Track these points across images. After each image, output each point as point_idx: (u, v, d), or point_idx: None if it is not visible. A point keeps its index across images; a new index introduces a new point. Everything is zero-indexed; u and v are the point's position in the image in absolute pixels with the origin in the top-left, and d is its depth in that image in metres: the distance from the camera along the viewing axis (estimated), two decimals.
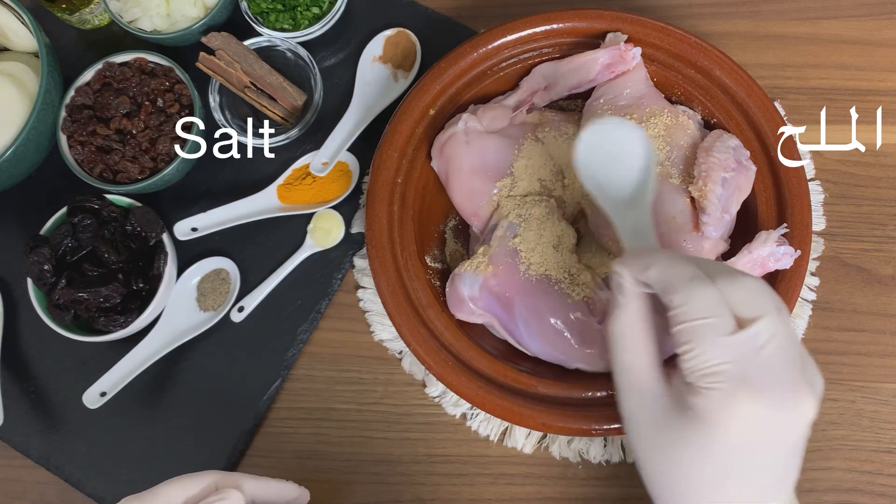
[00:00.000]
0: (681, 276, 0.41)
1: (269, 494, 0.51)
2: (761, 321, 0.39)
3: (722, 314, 0.40)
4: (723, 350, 0.39)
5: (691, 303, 0.40)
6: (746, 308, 0.40)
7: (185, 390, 0.69)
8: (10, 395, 0.69)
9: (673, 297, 0.41)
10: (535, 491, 0.64)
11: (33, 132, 0.68)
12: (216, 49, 0.72)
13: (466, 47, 0.67)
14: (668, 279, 0.42)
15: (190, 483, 0.48)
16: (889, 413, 0.64)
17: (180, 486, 0.47)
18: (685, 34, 0.66)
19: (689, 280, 0.41)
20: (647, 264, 0.43)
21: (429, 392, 0.67)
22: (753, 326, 0.39)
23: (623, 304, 0.44)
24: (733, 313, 0.40)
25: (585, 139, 0.55)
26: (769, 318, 0.40)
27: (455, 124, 0.65)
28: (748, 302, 0.40)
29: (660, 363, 0.43)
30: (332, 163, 0.72)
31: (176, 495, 0.47)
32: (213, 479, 0.48)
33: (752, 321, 0.39)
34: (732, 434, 0.38)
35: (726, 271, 0.42)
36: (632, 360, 0.43)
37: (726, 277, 0.41)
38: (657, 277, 0.42)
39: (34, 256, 0.66)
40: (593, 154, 0.55)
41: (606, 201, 0.54)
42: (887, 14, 0.75)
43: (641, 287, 0.43)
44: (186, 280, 0.70)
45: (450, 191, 0.65)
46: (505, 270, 0.60)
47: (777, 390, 0.39)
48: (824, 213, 0.69)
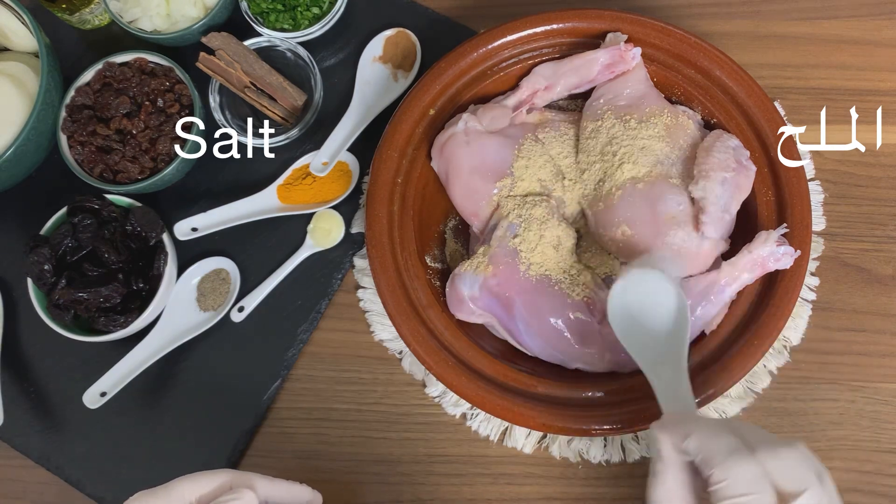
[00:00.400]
0: (721, 450, 0.41)
1: (282, 496, 0.51)
2: (804, 496, 0.40)
3: (763, 490, 0.40)
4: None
5: (732, 478, 0.40)
6: (788, 482, 0.40)
7: (185, 390, 0.69)
8: (10, 395, 0.69)
9: (714, 471, 0.41)
10: (535, 491, 0.64)
11: (33, 132, 0.68)
12: (216, 49, 0.72)
13: (466, 47, 0.67)
14: (708, 451, 0.42)
15: (204, 480, 0.47)
16: (889, 413, 0.64)
17: (194, 482, 0.47)
18: (685, 34, 0.66)
19: (729, 454, 0.41)
20: (687, 433, 0.43)
21: (429, 392, 0.67)
22: (796, 502, 0.40)
23: (662, 471, 0.44)
24: (775, 487, 0.40)
25: (618, 291, 0.54)
26: (811, 492, 0.40)
27: (455, 124, 0.65)
28: (789, 474, 0.41)
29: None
30: (332, 163, 0.72)
31: (190, 492, 0.47)
32: (228, 477, 0.48)
33: (794, 496, 0.40)
34: None
35: (767, 442, 0.42)
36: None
37: (767, 449, 0.41)
38: (697, 448, 0.42)
39: (34, 256, 0.66)
40: (627, 307, 0.55)
41: (642, 358, 0.54)
42: (887, 14, 0.75)
43: (681, 455, 0.43)
44: (186, 280, 0.70)
45: (450, 191, 0.65)
46: (505, 270, 0.60)
47: None
48: (824, 213, 0.69)
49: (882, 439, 0.64)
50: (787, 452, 0.42)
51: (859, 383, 0.65)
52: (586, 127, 0.65)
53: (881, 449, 0.63)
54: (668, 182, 0.60)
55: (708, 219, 0.58)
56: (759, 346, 0.58)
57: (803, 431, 0.64)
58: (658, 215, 0.59)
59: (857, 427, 0.64)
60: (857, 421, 0.64)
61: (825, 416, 0.64)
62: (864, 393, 0.65)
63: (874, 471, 0.63)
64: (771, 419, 0.64)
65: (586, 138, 0.64)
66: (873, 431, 0.64)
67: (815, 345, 0.66)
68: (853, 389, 0.65)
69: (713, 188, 0.58)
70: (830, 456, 0.63)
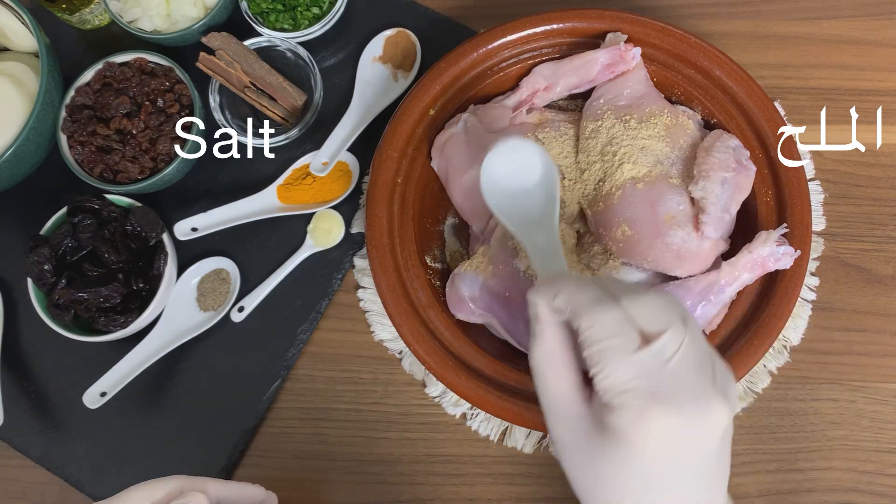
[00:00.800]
0: (585, 300, 0.42)
1: (235, 497, 0.52)
2: (665, 334, 0.40)
3: (626, 333, 0.40)
4: (630, 367, 0.39)
5: (596, 324, 0.41)
6: (651, 323, 0.41)
7: (185, 390, 0.69)
8: (10, 395, 0.69)
9: (580, 321, 0.42)
10: (535, 491, 0.64)
11: (33, 132, 0.68)
12: (216, 49, 0.72)
13: (466, 47, 0.67)
14: (575, 304, 0.42)
15: (155, 487, 0.48)
16: (889, 413, 0.64)
17: (145, 490, 0.48)
18: (685, 34, 0.66)
19: (594, 303, 0.42)
20: (556, 291, 0.44)
21: (429, 392, 0.67)
22: (658, 341, 0.40)
23: (539, 332, 0.44)
24: (639, 330, 0.40)
25: (487, 164, 0.54)
26: (673, 331, 0.40)
27: (455, 124, 0.65)
28: (652, 317, 0.41)
29: (581, 387, 0.43)
30: (332, 163, 0.72)
31: (140, 500, 0.48)
32: (178, 483, 0.49)
33: (656, 335, 0.40)
34: (648, 449, 0.39)
35: (630, 290, 0.43)
36: (553, 387, 0.43)
37: (629, 296, 0.42)
38: (564, 304, 0.43)
39: (34, 256, 0.66)
40: (497, 178, 0.54)
41: (515, 225, 0.54)
42: (887, 14, 0.75)
43: (556, 315, 0.44)
44: (186, 280, 0.70)
45: (450, 191, 0.65)
46: (505, 270, 0.60)
47: (686, 402, 0.39)
48: (824, 213, 0.69)
49: (882, 439, 0.64)
50: (649, 298, 0.42)
51: (859, 383, 0.65)
52: (586, 127, 0.65)
53: (881, 449, 0.63)
54: (668, 182, 0.60)
55: (708, 219, 0.58)
56: (759, 346, 0.58)
57: (803, 431, 0.64)
58: (658, 215, 0.59)
59: (857, 427, 0.64)
60: (857, 421, 0.64)
61: (825, 416, 0.64)
62: (864, 393, 0.65)
63: (874, 471, 0.63)
64: (771, 419, 0.65)
65: (586, 138, 0.64)
66: (873, 431, 0.64)
67: (815, 345, 0.66)
68: (853, 389, 0.65)
69: (713, 188, 0.58)
70: (830, 456, 0.63)
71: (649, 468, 0.39)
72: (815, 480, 0.63)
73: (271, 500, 0.55)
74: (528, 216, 0.54)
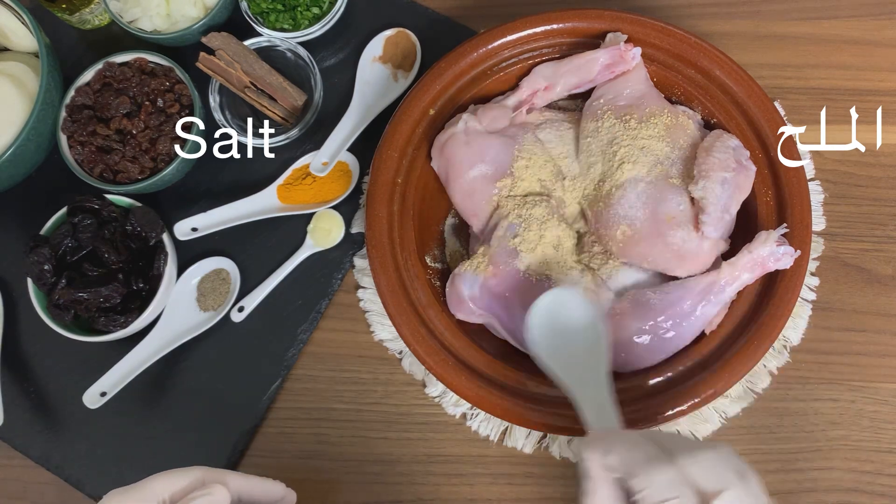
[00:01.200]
0: (640, 459, 0.42)
1: (255, 492, 0.52)
2: (724, 495, 0.40)
3: (683, 494, 0.40)
4: None
5: (653, 485, 0.41)
6: (708, 482, 0.41)
7: (185, 390, 0.69)
8: (10, 395, 0.69)
9: (634, 482, 0.41)
10: (535, 491, 0.64)
11: (33, 132, 0.68)
12: (216, 49, 0.72)
13: (466, 47, 0.67)
14: (629, 463, 0.42)
15: (176, 477, 0.48)
16: (889, 413, 0.64)
17: (167, 479, 0.48)
18: (685, 34, 0.66)
19: (648, 461, 0.41)
20: (608, 449, 0.43)
21: (429, 392, 0.67)
22: (716, 501, 0.40)
23: (591, 490, 0.43)
24: (696, 489, 0.40)
25: (535, 313, 0.55)
26: (732, 491, 0.40)
27: (455, 124, 0.65)
28: (709, 476, 0.41)
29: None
30: (332, 163, 0.72)
31: (162, 489, 0.47)
32: (200, 474, 0.49)
33: (714, 495, 0.40)
34: None
35: (685, 446, 0.42)
36: None
37: (685, 454, 0.42)
38: (619, 462, 0.43)
39: (34, 256, 0.66)
40: (548, 328, 0.55)
41: (566, 378, 0.54)
42: (887, 14, 0.75)
43: (607, 471, 0.44)
44: (186, 280, 0.70)
45: (450, 191, 0.65)
46: (505, 270, 0.60)
47: None
48: (824, 213, 0.69)
49: (882, 439, 0.64)
50: (705, 454, 0.42)
51: (859, 383, 0.65)
52: (586, 127, 0.65)
53: (881, 449, 0.63)
54: (669, 182, 0.60)
55: (708, 219, 0.58)
56: (759, 346, 0.58)
57: (803, 431, 0.64)
58: (658, 215, 0.59)
59: (856, 427, 0.64)
60: (856, 421, 0.64)
61: (825, 416, 0.64)
62: (864, 393, 0.65)
63: (874, 471, 0.63)
64: (771, 419, 0.64)
65: (586, 138, 0.64)
66: (873, 431, 0.64)
67: (815, 345, 0.66)
68: (853, 389, 0.65)
69: (713, 188, 0.58)
70: (830, 456, 0.63)
71: None
72: (815, 480, 0.63)
73: (290, 498, 0.54)
74: (576, 368, 0.54)
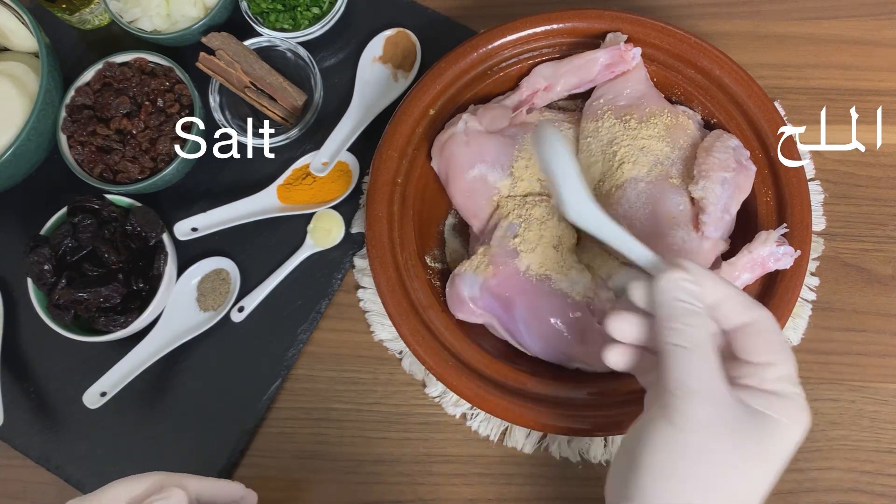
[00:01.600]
0: (744, 297, 0.45)
1: (214, 493, 0.53)
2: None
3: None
4: (795, 366, 0.44)
5: (766, 319, 0.44)
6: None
7: (185, 390, 0.69)
8: (10, 395, 0.69)
9: (745, 315, 0.44)
10: (535, 491, 0.64)
11: (33, 132, 0.68)
12: (216, 49, 0.72)
13: (466, 47, 0.67)
14: (730, 299, 0.45)
15: (135, 483, 0.49)
16: (889, 413, 0.64)
17: (125, 486, 0.49)
18: (685, 34, 0.66)
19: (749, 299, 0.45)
20: (698, 282, 0.45)
21: (429, 392, 0.67)
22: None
23: (695, 312, 0.44)
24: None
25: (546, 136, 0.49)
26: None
27: (455, 124, 0.65)
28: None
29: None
30: (332, 163, 0.72)
31: (120, 495, 0.48)
32: (158, 478, 0.50)
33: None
34: (796, 440, 0.43)
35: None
36: (709, 367, 0.44)
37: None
38: (715, 298, 0.44)
39: (34, 256, 0.66)
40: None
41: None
42: (887, 14, 0.75)
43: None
44: (186, 280, 0.70)
45: (450, 191, 0.65)
46: (505, 270, 0.60)
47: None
48: (824, 213, 0.69)
49: (882, 439, 0.64)
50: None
51: (859, 383, 0.65)
52: (586, 127, 0.65)
53: (881, 449, 0.63)
54: (669, 182, 0.60)
55: (708, 219, 0.58)
56: None
57: None
58: (658, 215, 0.59)
59: (857, 427, 0.64)
60: (857, 421, 0.64)
61: (825, 416, 0.64)
62: (864, 393, 0.65)
63: (874, 471, 0.63)
64: None
65: (586, 138, 0.64)
66: (873, 431, 0.64)
67: (815, 345, 0.66)
68: (853, 389, 0.65)
69: (713, 188, 0.58)
70: (830, 456, 0.63)
71: (788, 453, 0.43)
72: (815, 480, 0.63)
73: (250, 498, 0.55)
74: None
